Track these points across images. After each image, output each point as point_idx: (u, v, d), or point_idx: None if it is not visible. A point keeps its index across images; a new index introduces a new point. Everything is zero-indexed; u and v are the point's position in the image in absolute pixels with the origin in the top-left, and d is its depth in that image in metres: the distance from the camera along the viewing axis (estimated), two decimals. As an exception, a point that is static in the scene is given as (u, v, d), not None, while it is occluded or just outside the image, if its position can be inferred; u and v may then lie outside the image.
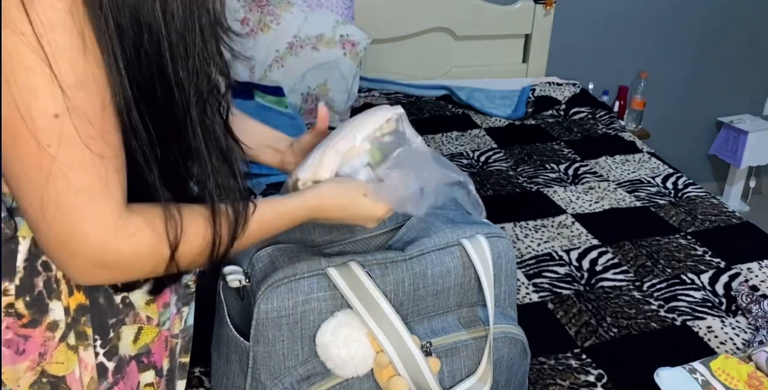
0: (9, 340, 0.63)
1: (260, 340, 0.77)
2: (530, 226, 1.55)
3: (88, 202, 0.55)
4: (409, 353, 0.77)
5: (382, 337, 0.76)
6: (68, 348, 0.65)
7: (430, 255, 0.83)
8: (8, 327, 0.63)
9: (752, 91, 3.04)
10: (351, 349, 0.76)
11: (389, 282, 0.79)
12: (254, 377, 0.79)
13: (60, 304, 0.64)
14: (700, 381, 1.00)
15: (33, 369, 0.64)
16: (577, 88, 2.36)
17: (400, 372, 0.76)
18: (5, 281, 0.62)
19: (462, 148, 1.96)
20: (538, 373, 1.10)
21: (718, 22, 2.80)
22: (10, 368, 0.63)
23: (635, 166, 1.88)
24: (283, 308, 0.76)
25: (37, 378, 0.64)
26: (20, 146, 0.53)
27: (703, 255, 1.45)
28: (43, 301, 0.63)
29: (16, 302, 0.63)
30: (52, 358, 0.64)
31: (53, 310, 0.64)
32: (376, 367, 0.77)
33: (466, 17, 2.46)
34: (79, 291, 0.65)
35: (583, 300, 1.29)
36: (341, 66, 2.06)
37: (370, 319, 0.76)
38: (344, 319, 0.77)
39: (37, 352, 0.64)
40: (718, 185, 3.17)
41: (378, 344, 0.76)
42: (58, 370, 0.65)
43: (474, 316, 0.87)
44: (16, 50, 0.51)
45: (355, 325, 0.76)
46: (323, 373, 0.78)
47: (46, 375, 0.64)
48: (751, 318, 1.24)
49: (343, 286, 0.77)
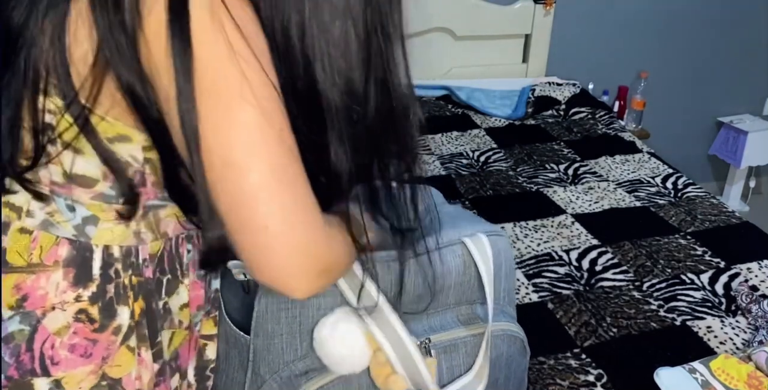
0: (76, 344, 0.65)
1: (260, 333, 0.78)
2: (530, 226, 1.55)
3: (305, 213, 0.55)
4: (406, 352, 0.77)
5: (380, 336, 0.76)
6: (128, 350, 0.68)
7: (432, 253, 0.83)
8: (76, 332, 0.65)
9: (752, 91, 3.04)
10: (348, 345, 0.76)
11: (390, 280, 0.80)
12: (254, 371, 0.79)
13: (127, 309, 0.66)
14: (700, 381, 1.01)
15: (95, 373, 0.66)
16: (577, 88, 2.36)
17: (398, 370, 0.77)
18: (80, 288, 0.64)
19: (462, 148, 1.96)
20: (538, 372, 1.10)
21: (718, 22, 2.80)
22: (74, 372, 0.65)
23: (635, 166, 1.88)
24: (283, 301, 0.77)
25: (98, 381, 0.66)
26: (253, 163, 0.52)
27: (703, 255, 1.45)
28: (112, 307, 0.66)
29: (90, 308, 0.65)
30: (113, 360, 0.67)
31: (120, 315, 0.66)
32: (374, 365, 0.78)
33: (466, 17, 2.46)
34: (141, 296, 0.68)
35: (582, 300, 1.29)
36: (341, 66, 2.06)
37: (368, 316, 0.76)
38: (343, 316, 0.77)
39: (101, 355, 0.66)
40: (718, 185, 3.17)
41: (376, 342, 0.76)
42: (117, 372, 0.67)
43: (473, 313, 0.87)
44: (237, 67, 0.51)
45: (354, 322, 0.77)
46: (321, 368, 0.79)
47: (105, 378, 0.66)
48: (750, 318, 1.24)
49: (341, 283, 0.77)
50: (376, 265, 0.80)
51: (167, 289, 0.71)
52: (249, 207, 0.52)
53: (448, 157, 1.90)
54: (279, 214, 0.53)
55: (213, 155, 0.51)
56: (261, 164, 0.52)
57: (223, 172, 0.52)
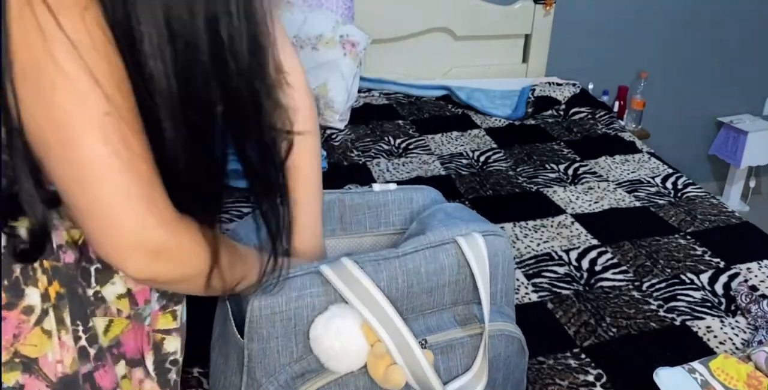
0: None
1: (254, 337, 0.77)
2: (530, 226, 1.55)
3: (143, 195, 0.58)
4: (405, 342, 0.77)
5: (378, 326, 0.76)
6: (43, 332, 0.68)
7: (424, 252, 0.83)
8: None
9: (752, 91, 3.04)
10: (344, 341, 0.76)
11: (382, 278, 0.79)
12: (250, 375, 0.79)
13: (36, 291, 0.67)
14: (700, 381, 1.01)
15: (6, 349, 0.67)
16: (577, 88, 2.36)
17: (397, 361, 0.76)
18: None
19: (462, 148, 1.96)
20: (537, 372, 1.10)
21: (718, 22, 2.80)
22: None
23: (635, 166, 1.88)
24: (276, 305, 0.76)
25: (10, 357, 0.67)
26: (71, 147, 0.55)
27: (703, 255, 1.45)
28: (19, 287, 0.67)
29: None
30: (26, 340, 0.68)
31: (28, 296, 0.67)
32: (372, 358, 0.77)
33: (466, 17, 2.46)
34: (56, 280, 0.69)
35: (582, 300, 1.29)
36: (341, 66, 2.06)
37: (365, 308, 0.76)
38: (338, 311, 0.77)
39: (11, 332, 0.67)
40: (718, 185, 3.17)
41: (373, 335, 0.76)
42: (32, 352, 0.68)
43: (470, 313, 0.87)
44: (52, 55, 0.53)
45: (349, 317, 0.77)
46: (318, 369, 0.78)
47: (18, 355, 0.67)
48: (750, 318, 1.24)
49: (335, 280, 0.77)
50: (368, 264, 0.80)
51: (98, 279, 0.72)
52: (88, 184, 0.57)
53: (448, 157, 1.90)
54: (116, 192, 0.57)
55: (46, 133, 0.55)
56: (95, 143, 0.55)
57: (57, 151, 0.56)
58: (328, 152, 1.87)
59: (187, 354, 0.83)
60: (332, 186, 1.72)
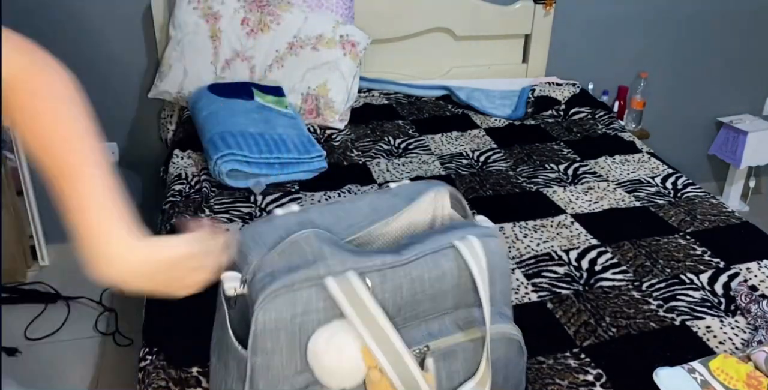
0: None
1: (258, 351, 0.77)
2: (530, 226, 1.55)
3: None
4: (405, 367, 0.76)
5: (378, 352, 0.75)
6: None
7: (426, 258, 0.83)
8: None
9: (752, 91, 3.04)
10: (343, 360, 0.75)
11: (387, 289, 0.79)
12: (252, 386, 0.79)
13: None
14: (699, 381, 1.01)
15: None
16: (577, 88, 2.37)
17: (396, 386, 0.76)
18: None
19: (462, 148, 1.96)
20: (537, 372, 1.10)
21: (718, 22, 2.80)
22: None
23: (635, 166, 1.88)
24: (281, 320, 0.75)
25: None
26: None
27: (702, 255, 1.45)
28: None
29: None
30: None
31: None
32: (368, 384, 0.77)
33: (466, 17, 2.46)
34: None
35: (582, 300, 1.29)
36: (341, 66, 2.06)
37: (366, 331, 0.75)
38: (341, 328, 0.76)
39: None
40: (718, 185, 3.18)
41: (371, 359, 0.76)
42: None
43: (470, 317, 0.87)
44: None
45: (351, 336, 0.76)
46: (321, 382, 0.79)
47: None
48: (750, 318, 1.24)
49: (341, 298, 0.76)
50: (375, 275, 0.79)
51: None
52: None
53: (447, 157, 1.90)
54: None
55: None
56: None
57: None
58: (328, 152, 1.87)
59: (187, 354, 0.83)
60: (332, 186, 1.73)
